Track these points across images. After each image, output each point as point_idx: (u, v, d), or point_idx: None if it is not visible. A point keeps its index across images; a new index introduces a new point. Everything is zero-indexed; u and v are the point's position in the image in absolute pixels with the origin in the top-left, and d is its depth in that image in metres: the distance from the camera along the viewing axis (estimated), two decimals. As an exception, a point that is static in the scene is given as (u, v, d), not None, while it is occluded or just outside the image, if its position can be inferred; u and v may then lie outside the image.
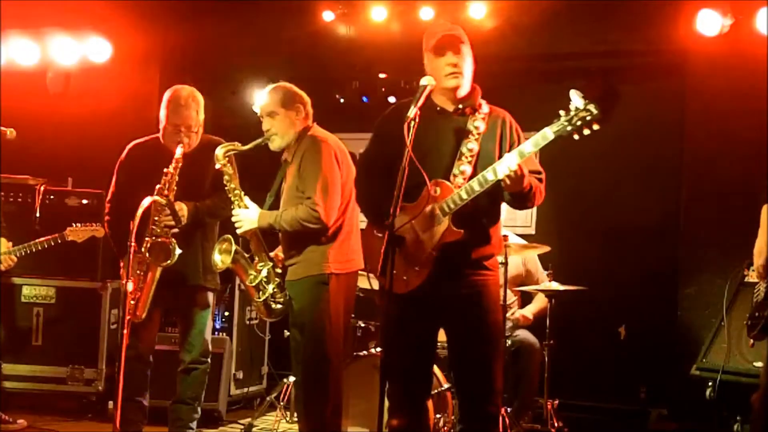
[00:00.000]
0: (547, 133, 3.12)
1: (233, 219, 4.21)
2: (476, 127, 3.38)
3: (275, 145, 4.20)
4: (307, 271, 4.09)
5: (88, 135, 6.26)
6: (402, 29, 6.08)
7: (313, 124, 4.25)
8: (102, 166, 5.00)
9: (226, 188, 4.24)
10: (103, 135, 6.03)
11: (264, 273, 4.18)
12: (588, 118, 3.03)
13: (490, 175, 3.21)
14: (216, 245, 4.28)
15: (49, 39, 6.49)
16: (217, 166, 4.21)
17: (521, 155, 3.16)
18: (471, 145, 3.35)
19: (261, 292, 4.19)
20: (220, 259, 4.23)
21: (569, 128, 3.06)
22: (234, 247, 4.19)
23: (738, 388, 4.65)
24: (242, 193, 4.22)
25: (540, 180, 3.41)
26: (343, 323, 4.16)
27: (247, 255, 4.24)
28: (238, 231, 4.19)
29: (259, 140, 4.21)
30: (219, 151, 4.21)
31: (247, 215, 4.17)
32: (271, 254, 4.25)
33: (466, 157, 3.34)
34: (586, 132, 3.06)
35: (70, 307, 5.64)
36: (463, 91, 3.41)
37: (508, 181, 3.19)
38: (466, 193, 3.25)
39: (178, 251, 4.24)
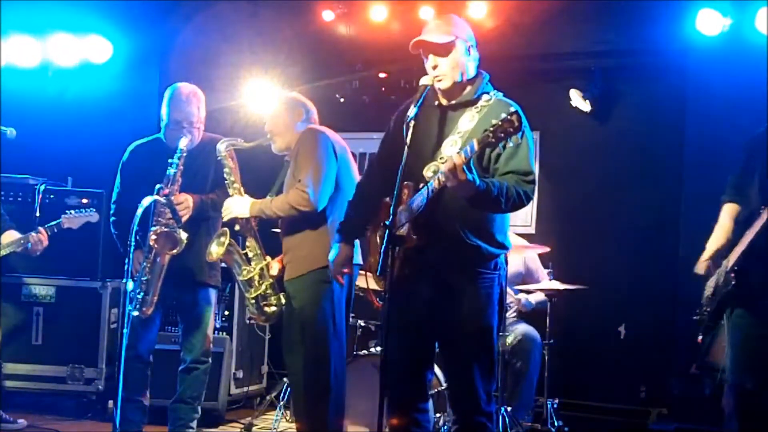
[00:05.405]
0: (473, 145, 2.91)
1: (222, 208, 4.23)
2: (463, 125, 3.20)
3: (276, 147, 4.25)
4: (308, 267, 4.05)
5: (88, 135, 6.25)
6: (402, 29, 6.08)
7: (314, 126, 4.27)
8: (102, 166, 5.00)
9: (225, 181, 4.27)
10: (103, 135, 6.03)
11: (257, 269, 4.20)
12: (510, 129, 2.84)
13: (432, 182, 3.04)
14: (214, 237, 4.32)
15: (49, 39, 6.49)
16: (219, 158, 4.26)
17: (460, 157, 2.91)
18: (448, 146, 3.17)
19: (253, 289, 4.21)
20: (216, 250, 4.25)
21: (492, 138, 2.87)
22: (229, 239, 4.22)
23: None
24: (242, 187, 4.26)
25: (529, 182, 3.11)
26: (345, 321, 4.16)
27: (242, 251, 4.27)
28: (225, 217, 4.21)
29: (261, 140, 4.25)
30: (221, 146, 4.28)
31: (237, 202, 4.19)
32: (274, 261, 4.25)
33: (441, 160, 3.12)
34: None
35: (70, 307, 5.63)
36: (443, 85, 3.25)
37: (449, 185, 2.94)
38: (413, 208, 3.10)
39: (184, 235, 4.23)
